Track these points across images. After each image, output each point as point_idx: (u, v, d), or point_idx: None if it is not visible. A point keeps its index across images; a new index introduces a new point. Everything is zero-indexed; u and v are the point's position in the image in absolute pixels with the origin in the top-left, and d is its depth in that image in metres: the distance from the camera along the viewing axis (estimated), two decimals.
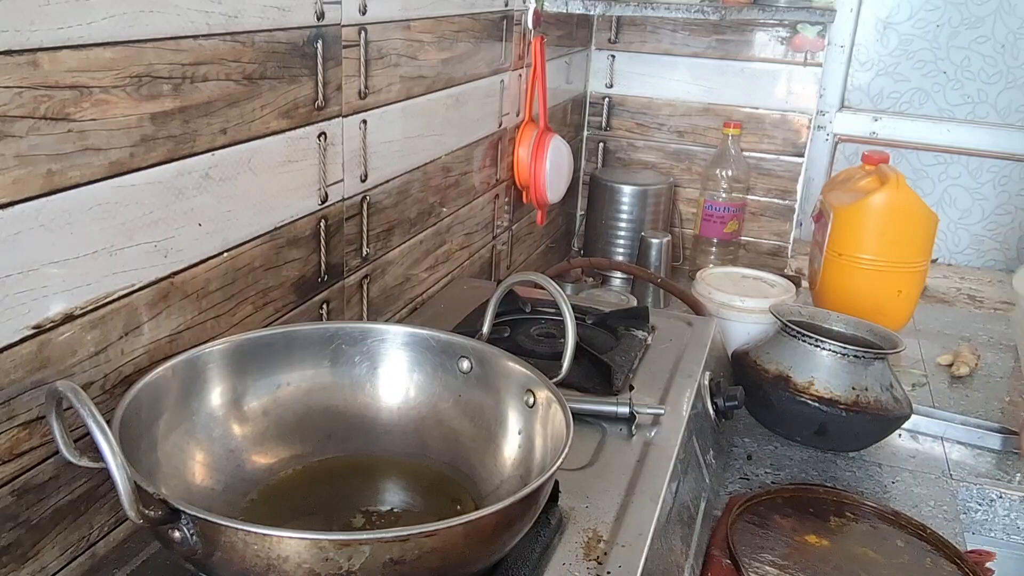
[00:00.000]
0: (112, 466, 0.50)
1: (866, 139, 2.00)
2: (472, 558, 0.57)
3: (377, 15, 0.96)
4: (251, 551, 0.51)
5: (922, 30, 1.93)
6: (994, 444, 1.23)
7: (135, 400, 0.62)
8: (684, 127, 1.90)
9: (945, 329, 1.65)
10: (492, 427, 0.75)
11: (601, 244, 1.85)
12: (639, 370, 1.03)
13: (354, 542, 0.51)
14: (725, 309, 1.38)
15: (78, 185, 0.61)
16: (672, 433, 0.90)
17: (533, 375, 0.72)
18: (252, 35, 0.76)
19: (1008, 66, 1.90)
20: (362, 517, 0.69)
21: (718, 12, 1.58)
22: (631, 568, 0.68)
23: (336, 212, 0.95)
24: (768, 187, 1.88)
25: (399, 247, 1.11)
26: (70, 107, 0.60)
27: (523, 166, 1.48)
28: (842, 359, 1.15)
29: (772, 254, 1.93)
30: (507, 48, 1.36)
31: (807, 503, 1.04)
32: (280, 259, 0.86)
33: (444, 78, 1.16)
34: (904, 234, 1.49)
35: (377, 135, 1.01)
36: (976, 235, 2.04)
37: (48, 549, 0.65)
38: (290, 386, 0.77)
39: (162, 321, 0.72)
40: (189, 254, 0.74)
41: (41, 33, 0.57)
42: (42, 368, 0.61)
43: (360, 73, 0.95)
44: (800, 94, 1.81)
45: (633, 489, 0.79)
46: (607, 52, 1.90)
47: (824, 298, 1.56)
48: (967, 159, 1.98)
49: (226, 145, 0.76)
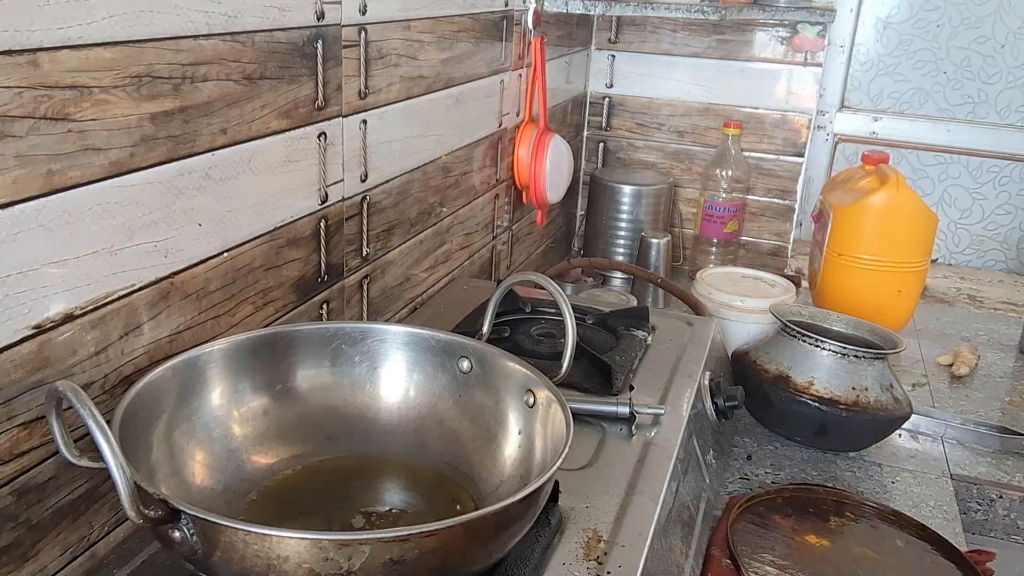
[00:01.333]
0: (112, 466, 0.50)
1: (866, 139, 2.00)
2: (472, 558, 0.57)
3: (377, 15, 0.96)
4: (251, 551, 0.51)
5: (922, 30, 1.93)
6: (994, 444, 1.23)
7: (135, 400, 0.62)
8: (684, 127, 1.90)
9: (945, 329, 1.65)
10: (492, 427, 0.75)
11: (601, 244, 1.85)
12: (639, 370, 1.03)
13: (354, 542, 0.51)
14: (725, 309, 1.38)
15: (78, 185, 0.61)
16: (672, 433, 0.90)
17: (533, 375, 0.72)
18: (252, 35, 0.76)
19: (1008, 66, 1.90)
20: (362, 517, 0.69)
21: (718, 12, 1.58)
22: (631, 568, 0.68)
23: (336, 212, 0.95)
24: (768, 187, 1.88)
25: (399, 247, 1.11)
26: (70, 107, 0.60)
27: (523, 166, 1.48)
28: (842, 359, 1.15)
29: (772, 254, 1.93)
30: (507, 48, 1.36)
31: (807, 503, 1.04)
32: (280, 259, 0.86)
33: (444, 78, 1.16)
34: (904, 234, 1.49)
35: (377, 135, 1.01)
36: (976, 235, 2.04)
37: (48, 549, 0.65)
38: (290, 386, 0.77)
39: (162, 321, 0.72)
40: (189, 254, 0.74)
41: (41, 33, 0.57)
42: (42, 368, 0.61)
43: (360, 73, 0.95)
44: (800, 94, 1.81)
45: (633, 489, 0.79)
46: (607, 52, 1.90)
47: (824, 298, 1.56)
48: (967, 159, 1.98)
49: (226, 145, 0.76)
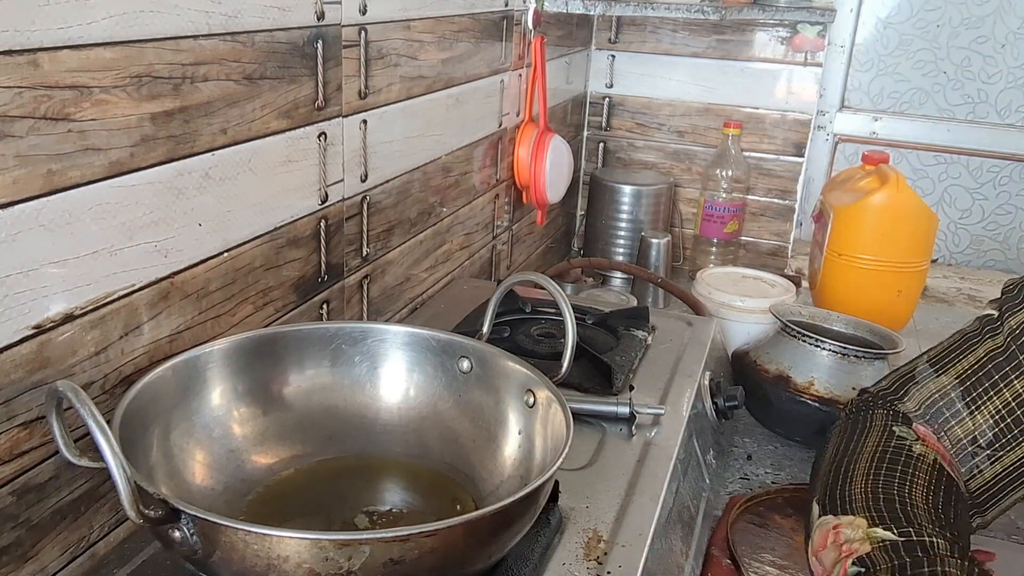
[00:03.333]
0: (112, 466, 0.50)
1: (866, 139, 2.00)
2: (472, 558, 0.57)
3: (377, 15, 0.96)
4: (251, 551, 0.51)
5: (922, 30, 1.93)
6: None
7: (135, 400, 0.62)
8: (684, 127, 1.90)
9: (945, 329, 1.64)
10: (492, 427, 0.75)
11: (601, 244, 1.85)
12: (639, 370, 1.03)
13: (354, 542, 0.51)
14: (725, 309, 1.38)
15: (78, 185, 0.61)
16: (672, 433, 0.90)
17: (533, 375, 0.72)
18: (252, 35, 0.76)
19: (1008, 66, 1.90)
20: (362, 517, 0.69)
21: (718, 12, 1.58)
22: (631, 568, 0.68)
23: (336, 212, 0.95)
24: (768, 187, 1.88)
25: (399, 247, 1.11)
26: (70, 107, 0.60)
27: (523, 166, 1.48)
28: (842, 359, 1.15)
29: (772, 254, 1.93)
30: (507, 48, 1.36)
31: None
32: (280, 259, 0.86)
33: (444, 78, 1.16)
34: (904, 234, 1.49)
35: (377, 135, 1.01)
36: (976, 235, 2.04)
37: (48, 549, 0.65)
38: (290, 386, 0.77)
39: (162, 321, 0.72)
40: (189, 254, 0.74)
41: (41, 33, 0.57)
42: (42, 368, 0.61)
43: (360, 73, 0.95)
44: (800, 94, 1.81)
45: (633, 489, 0.79)
46: (607, 52, 1.90)
47: (824, 298, 1.56)
48: (967, 159, 1.98)
49: (226, 145, 0.76)
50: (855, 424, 0.84)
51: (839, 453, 0.81)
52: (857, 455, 0.78)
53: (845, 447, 0.81)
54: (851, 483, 0.75)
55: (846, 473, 0.77)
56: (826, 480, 0.79)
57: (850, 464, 0.78)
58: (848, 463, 0.78)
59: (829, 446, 0.84)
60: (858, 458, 0.78)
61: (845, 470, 0.77)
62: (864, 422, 0.83)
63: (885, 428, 0.81)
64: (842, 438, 0.83)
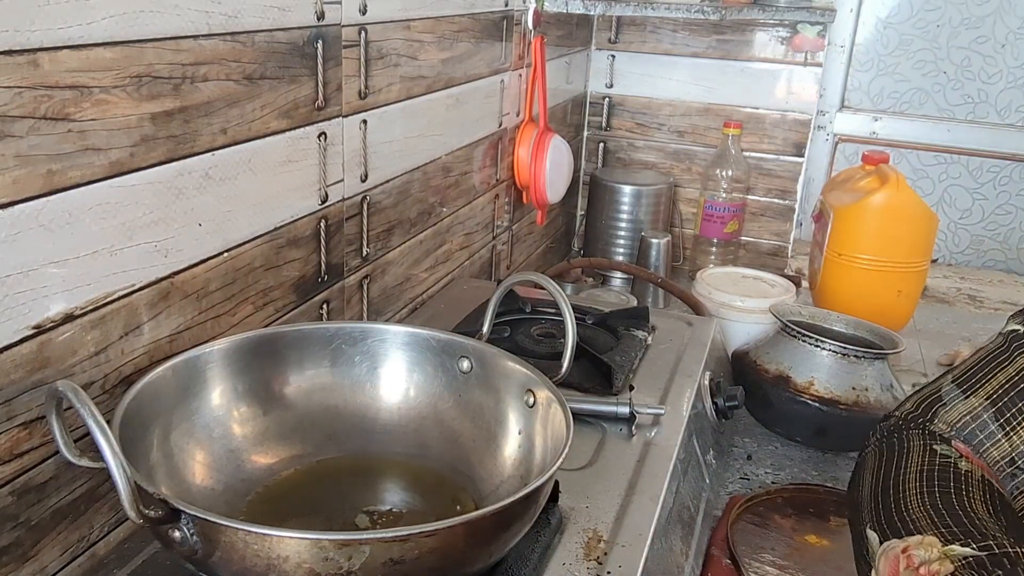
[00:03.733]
0: (112, 466, 0.50)
1: (866, 139, 2.00)
2: (472, 558, 0.57)
3: (377, 15, 0.96)
4: (251, 551, 0.51)
5: (922, 30, 1.93)
6: None
7: (135, 400, 0.62)
8: (684, 127, 1.90)
9: (945, 329, 1.65)
10: (492, 427, 0.75)
11: (601, 244, 1.85)
12: (639, 370, 1.03)
13: (354, 542, 0.51)
14: (725, 309, 1.38)
15: (78, 185, 0.61)
16: (672, 433, 0.90)
17: (533, 375, 0.72)
18: (252, 35, 0.76)
19: (1008, 66, 1.90)
20: (362, 517, 0.69)
21: (718, 12, 1.58)
22: (631, 568, 0.68)
23: (336, 212, 0.95)
24: (768, 187, 1.88)
25: (399, 247, 1.11)
26: (70, 107, 0.60)
27: (523, 166, 1.48)
28: (842, 359, 1.15)
29: (772, 254, 1.93)
30: (507, 48, 1.36)
31: (807, 503, 1.04)
32: (280, 259, 0.86)
33: (444, 78, 1.16)
34: (904, 234, 1.49)
35: (377, 135, 1.01)
36: (976, 235, 2.04)
37: (48, 549, 0.65)
38: (290, 386, 0.77)
39: (162, 321, 0.72)
40: (189, 254, 0.74)
41: (41, 33, 0.57)
42: (42, 368, 0.61)
43: (360, 73, 0.95)
44: (800, 94, 1.81)
45: (633, 489, 0.79)
46: (607, 52, 1.90)
47: (824, 298, 1.56)
48: (967, 159, 1.98)
49: (226, 145, 0.76)
50: (891, 448, 0.80)
51: (883, 477, 0.75)
52: (903, 476, 0.74)
53: (887, 471, 0.76)
54: (906, 504, 0.71)
55: (896, 495, 0.73)
56: (874, 505, 0.74)
57: (899, 486, 0.73)
58: (896, 485, 0.73)
59: (865, 472, 0.79)
60: (905, 479, 0.74)
61: (895, 492, 0.73)
62: (900, 444, 0.79)
63: (926, 448, 0.77)
64: (880, 462, 0.78)
